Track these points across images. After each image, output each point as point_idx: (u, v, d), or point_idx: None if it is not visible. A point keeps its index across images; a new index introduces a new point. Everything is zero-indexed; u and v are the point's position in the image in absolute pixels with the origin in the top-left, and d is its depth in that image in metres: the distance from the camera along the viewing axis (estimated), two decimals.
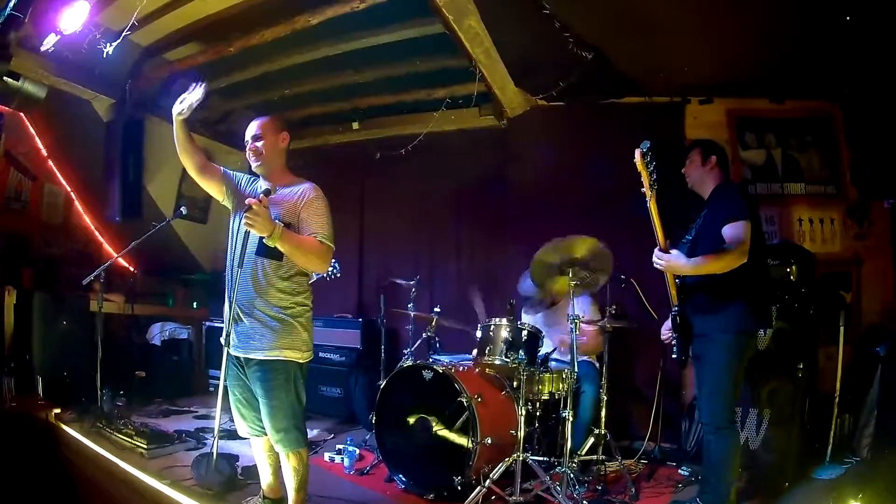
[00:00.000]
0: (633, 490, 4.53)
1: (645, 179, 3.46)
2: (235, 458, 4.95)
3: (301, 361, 3.60)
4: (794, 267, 4.94)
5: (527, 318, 5.74)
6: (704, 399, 3.77)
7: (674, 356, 4.00)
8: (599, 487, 4.56)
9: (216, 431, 4.41)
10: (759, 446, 4.62)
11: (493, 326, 4.66)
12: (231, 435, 5.64)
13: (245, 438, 5.45)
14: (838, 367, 4.97)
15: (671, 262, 3.66)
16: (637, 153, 3.41)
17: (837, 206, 5.96)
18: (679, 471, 5.13)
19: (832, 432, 4.87)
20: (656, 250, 3.71)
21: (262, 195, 3.37)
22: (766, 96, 6.05)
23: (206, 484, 4.22)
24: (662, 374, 5.64)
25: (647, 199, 3.52)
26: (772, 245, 5.37)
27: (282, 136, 3.85)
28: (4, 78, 5.67)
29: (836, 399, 4.92)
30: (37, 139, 7.21)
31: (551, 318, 5.52)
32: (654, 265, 3.74)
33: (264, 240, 3.33)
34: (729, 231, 3.63)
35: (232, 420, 6.14)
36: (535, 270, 4.74)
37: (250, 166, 3.85)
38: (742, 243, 3.56)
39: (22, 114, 6.71)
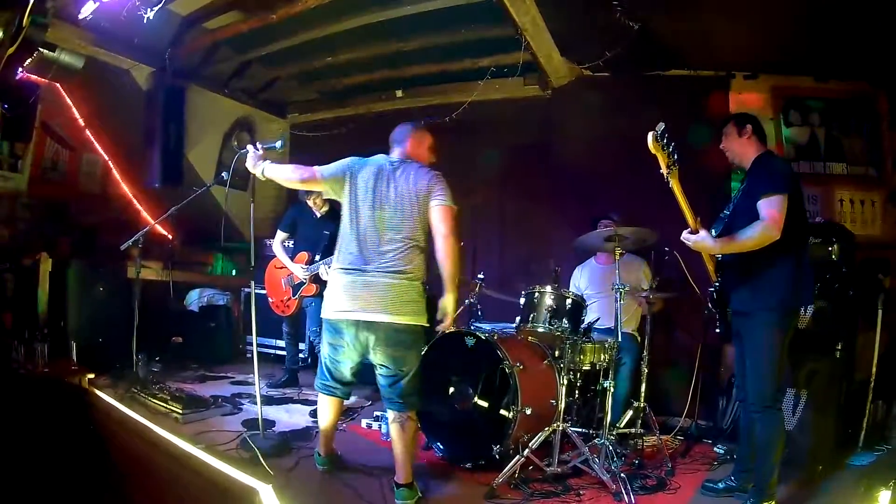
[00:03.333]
0: (670, 466, 4.49)
1: (662, 161, 3.27)
2: (272, 423, 5.00)
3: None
4: (835, 246, 4.89)
5: (581, 278, 5.89)
6: (749, 379, 3.70)
7: (717, 331, 4.01)
8: (636, 461, 4.53)
9: (258, 397, 4.47)
10: (794, 428, 4.51)
11: (536, 294, 4.64)
12: (267, 400, 5.71)
13: (280, 404, 5.52)
14: (875, 351, 4.91)
15: (698, 242, 3.58)
16: (650, 136, 3.18)
17: (879, 189, 5.89)
18: (714, 448, 5.10)
19: (866, 418, 4.83)
20: (685, 231, 3.62)
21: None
22: (811, 75, 5.97)
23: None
24: (702, 351, 5.60)
25: (667, 180, 3.35)
26: (814, 223, 5.26)
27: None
28: (40, 49, 5.70)
29: (872, 384, 4.87)
30: (74, 109, 7.22)
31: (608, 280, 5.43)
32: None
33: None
34: (764, 206, 3.50)
35: (268, 386, 6.22)
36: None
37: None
38: (775, 220, 3.44)
39: (58, 84, 6.74)
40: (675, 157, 3.25)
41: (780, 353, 3.58)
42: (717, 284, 3.95)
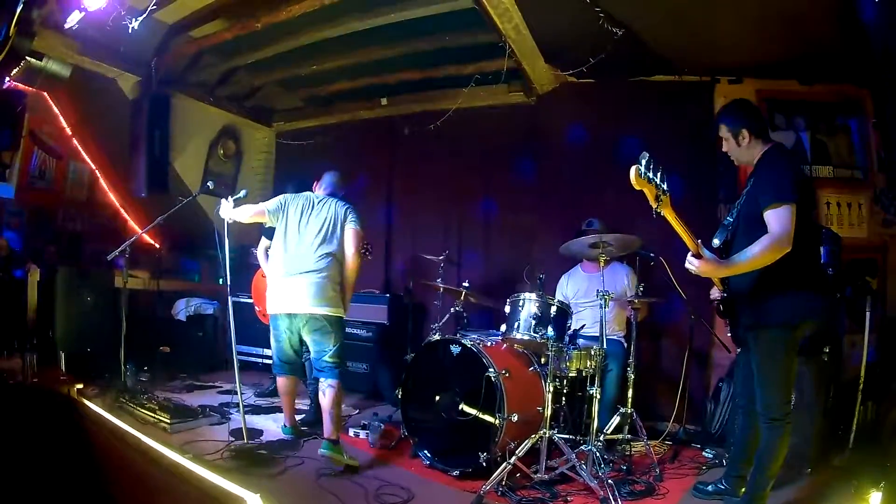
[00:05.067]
0: (658, 471, 4.49)
1: (649, 194, 2.88)
2: (259, 432, 4.99)
3: None
4: (822, 249, 4.89)
5: (568, 285, 5.89)
6: (758, 391, 3.57)
7: (728, 335, 3.94)
8: (624, 467, 4.54)
9: (241, 406, 4.49)
10: None
11: (521, 301, 4.60)
12: (255, 409, 5.69)
13: (268, 413, 5.51)
14: (863, 353, 4.90)
15: (703, 268, 3.29)
16: (633, 172, 2.77)
17: (865, 191, 5.89)
18: (703, 453, 5.10)
19: (855, 419, 4.81)
20: (689, 255, 3.31)
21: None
22: (795, 78, 5.96)
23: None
24: (689, 356, 5.58)
25: (656, 212, 2.94)
26: None
27: None
28: (27, 58, 5.69)
29: (860, 386, 4.87)
30: (61, 118, 7.25)
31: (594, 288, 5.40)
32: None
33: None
34: (772, 218, 3.28)
35: (255, 395, 6.23)
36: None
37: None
38: (786, 232, 3.21)
39: (45, 93, 6.73)
40: (665, 185, 2.91)
41: (787, 366, 3.48)
42: (724, 294, 3.78)
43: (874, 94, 5.79)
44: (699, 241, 3.25)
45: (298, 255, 4.72)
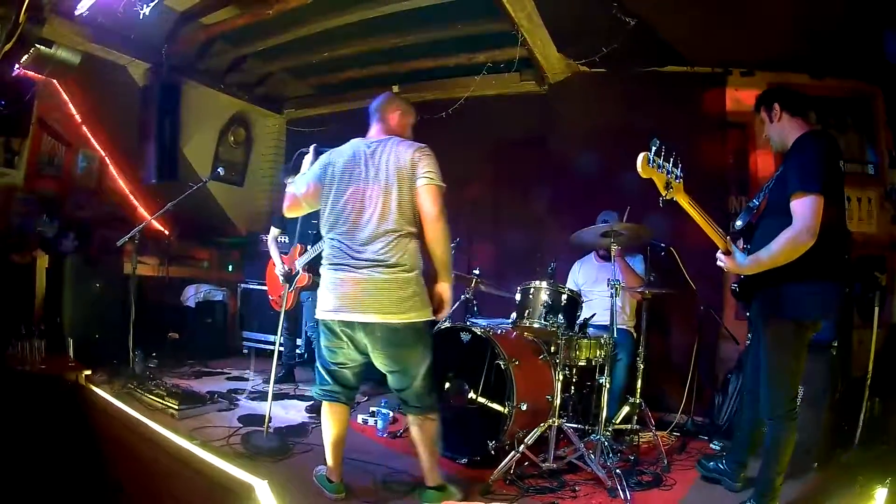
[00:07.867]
0: (665, 462, 4.48)
1: (659, 182, 2.82)
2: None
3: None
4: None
5: (579, 273, 5.89)
6: (762, 384, 3.52)
7: (747, 314, 3.95)
8: (632, 457, 4.54)
9: (270, 395, 4.54)
10: None
11: (532, 289, 4.58)
12: (262, 396, 5.68)
13: (275, 399, 5.52)
14: (871, 349, 4.89)
15: (730, 265, 3.25)
16: (640, 159, 2.73)
17: (875, 186, 5.86)
18: (710, 445, 5.11)
19: (862, 415, 4.80)
20: (719, 253, 3.27)
21: None
22: (806, 72, 5.94)
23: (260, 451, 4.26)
24: (698, 347, 5.59)
25: (664, 200, 2.89)
26: None
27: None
28: (37, 45, 5.69)
29: (868, 382, 4.86)
30: (70, 105, 7.24)
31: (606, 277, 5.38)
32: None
33: None
34: (797, 208, 3.13)
35: (265, 382, 6.21)
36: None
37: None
38: (806, 228, 3.07)
39: (55, 81, 6.74)
40: (678, 171, 2.86)
41: (792, 363, 3.41)
42: (741, 276, 3.65)
43: (885, 92, 5.78)
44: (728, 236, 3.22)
45: (358, 237, 3.37)
